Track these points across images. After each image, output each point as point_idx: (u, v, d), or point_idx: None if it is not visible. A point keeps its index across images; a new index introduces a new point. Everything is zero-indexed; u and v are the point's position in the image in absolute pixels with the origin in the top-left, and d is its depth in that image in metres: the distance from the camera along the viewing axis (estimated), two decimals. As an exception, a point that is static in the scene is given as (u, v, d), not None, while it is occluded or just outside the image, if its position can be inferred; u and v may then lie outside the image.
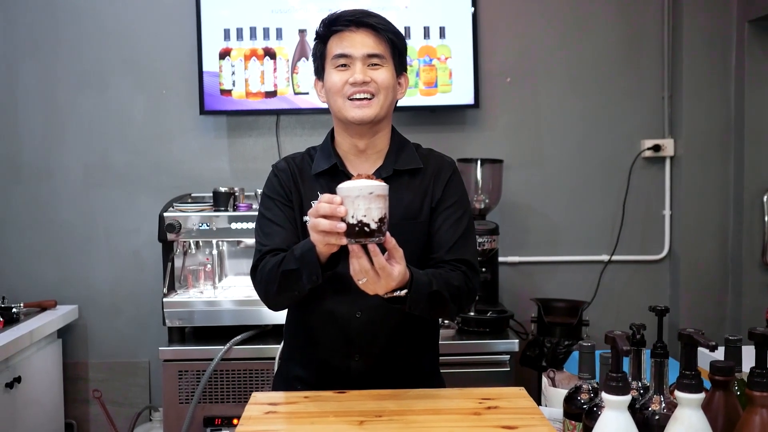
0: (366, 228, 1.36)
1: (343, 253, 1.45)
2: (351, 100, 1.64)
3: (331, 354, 1.70)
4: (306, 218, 1.60)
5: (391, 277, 1.42)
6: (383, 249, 1.41)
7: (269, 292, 1.62)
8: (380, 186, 1.38)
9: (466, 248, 1.69)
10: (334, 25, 1.66)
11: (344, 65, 1.64)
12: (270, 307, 1.68)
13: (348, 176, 1.66)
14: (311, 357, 1.73)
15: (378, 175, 1.67)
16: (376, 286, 1.43)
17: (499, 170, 3.11)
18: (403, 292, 1.47)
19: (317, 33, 1.70)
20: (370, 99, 1.64)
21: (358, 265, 1.40)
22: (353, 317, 1.67)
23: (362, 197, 1.35)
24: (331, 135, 1.76)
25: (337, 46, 1.65)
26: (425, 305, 1.53)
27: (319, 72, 1.71)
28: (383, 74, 1.65)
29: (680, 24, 3.20)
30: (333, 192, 1.41)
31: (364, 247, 1.39)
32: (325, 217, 1.38)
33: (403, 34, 1.74)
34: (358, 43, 1.64)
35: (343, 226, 1.36)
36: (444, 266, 1.64)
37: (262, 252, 1.65)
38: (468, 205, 1.76)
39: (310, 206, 1.63)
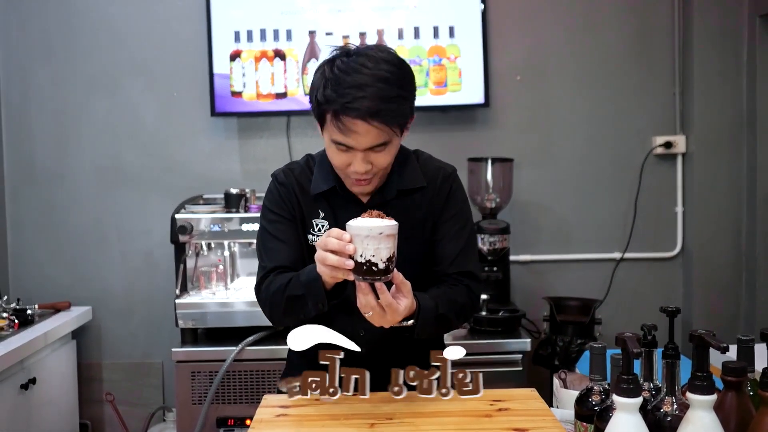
0: (374, 267, 1.36)
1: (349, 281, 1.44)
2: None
3: None
4: (310, 238, 1.61)
5: (396, 313, 1.44)
6: (390, 284, 1.42)
7: (274, 314, 1.63)
8: (390, 226, 1.37)
9: (468, 260, 1.68)
10: (337, 110, 1.48)
11: (345, 148, 1.53)
12: (275, 325, 1.67)
13: (349, 198, 1.64)
14: (314, 367, 1.70)
15: (381, 196, 1.64)
16: (382, 320, 1.45)
17: (509, 169, 3.11)
18: (410, 322, 1.49)
19: (316, 99, 1.52)
20: (370, 178, 1.59)
21: (364, 300, 1.42)
22: (357, 335, 1.60)
23: (372, 237, 1.35)
24: None
25: (337, 132, 1.50)
26: (432, 329, 1.56)
27: (319, 122, 1.59)
28: (384, 157, 1.56)
29: (691, 19, 3.17)
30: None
31: (372, 284, 1.40)
32: (333, 252, 1.38)
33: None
34: (362, 137, 1.50)
35: (351, 264, 1.37)
36: (447, 279, 1.65)
37: (266, 269, 1.64)
38: (469, 214, 1.74)
39: (312, 225, 1.64)
